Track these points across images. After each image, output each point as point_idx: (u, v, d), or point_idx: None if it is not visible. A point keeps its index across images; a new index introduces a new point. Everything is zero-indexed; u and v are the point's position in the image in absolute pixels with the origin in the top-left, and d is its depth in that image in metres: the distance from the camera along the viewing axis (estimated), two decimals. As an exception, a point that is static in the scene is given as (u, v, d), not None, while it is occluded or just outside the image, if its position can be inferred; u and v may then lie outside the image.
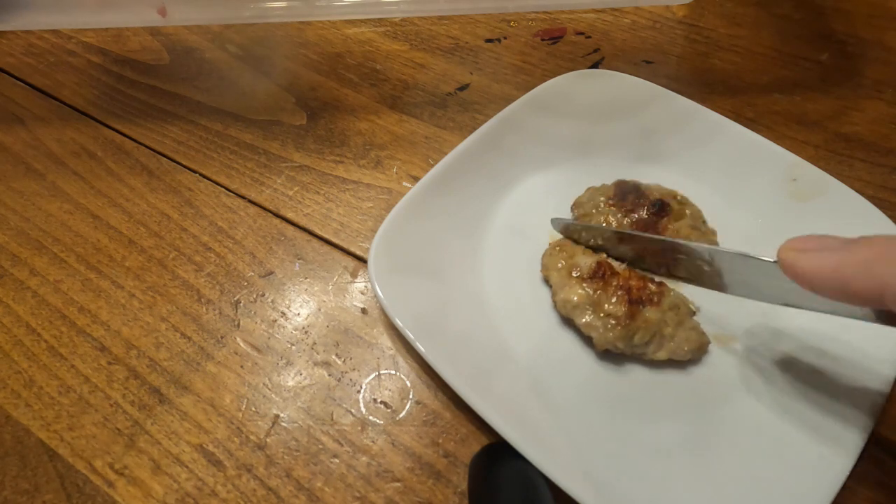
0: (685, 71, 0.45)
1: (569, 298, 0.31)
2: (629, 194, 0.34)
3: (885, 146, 0.40)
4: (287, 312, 0.35)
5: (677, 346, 0.30)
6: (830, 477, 0.26)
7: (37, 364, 0.33)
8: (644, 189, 0.35)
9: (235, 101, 0.45)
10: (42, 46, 0.50)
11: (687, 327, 0.30)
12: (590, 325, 0.30)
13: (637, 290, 0.31)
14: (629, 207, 0.34)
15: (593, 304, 0.31)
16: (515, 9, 0.50)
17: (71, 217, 0.39)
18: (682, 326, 0.30)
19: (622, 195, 0.34)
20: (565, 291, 0.31)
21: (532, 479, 0.26)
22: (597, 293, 0.31)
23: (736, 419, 0.29)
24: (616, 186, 0.35)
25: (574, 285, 0.31)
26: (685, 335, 0.30)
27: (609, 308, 0.30)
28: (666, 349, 0.30)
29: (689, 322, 0.31)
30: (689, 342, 0.30)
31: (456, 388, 0.29)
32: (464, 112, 0.43)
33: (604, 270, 0.31)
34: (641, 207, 0.34)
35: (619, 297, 0.30)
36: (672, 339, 0.30)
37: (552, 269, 0.33)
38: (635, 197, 0.34)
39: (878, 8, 0.48)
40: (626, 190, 0.35)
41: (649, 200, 0.34)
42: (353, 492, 0.29)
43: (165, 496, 0.29)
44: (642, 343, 0.30)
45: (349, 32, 0.49)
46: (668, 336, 0.30)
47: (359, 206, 0.39)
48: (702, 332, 0.31)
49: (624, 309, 0.30)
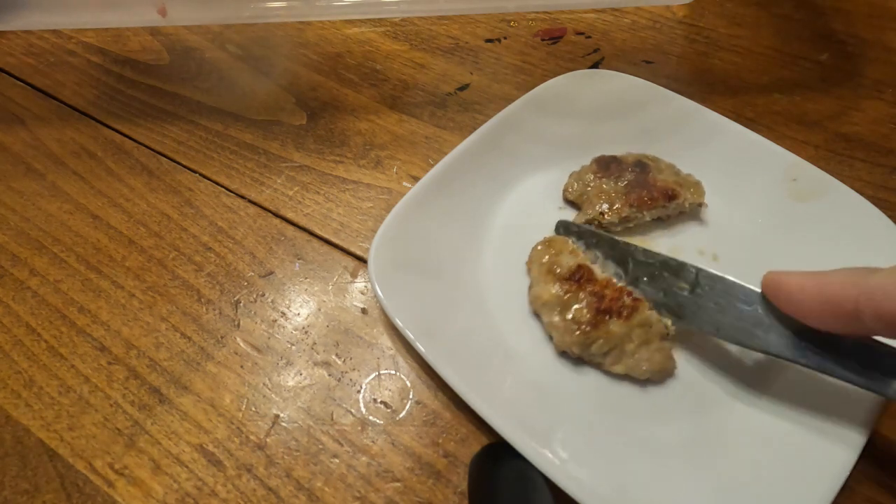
0: (685, 71, 0.45)
1: (539, 295, 0.31)
2: (610, 164, 0.36)
3: (885, 146, 0.40)
4: (287, 312, 0.35)
5: (636, 363, 0.29)
6: (830, 477, 0.26)
7: (37, 364, 0.33)
8: (620, 158, 0.37)
9: (235, 101, 0.45)
10: (42, 46, 0.50)
11: (652, 348, 0.30)
12: (552, 325, 0.31)
13: (609, 299, 0.30)
14: (616, 174, 0.36)
15: (561, 305, 0.31)
16: (515, 9, 0.50)
17: (71, 217, 0.39)
18: (648, 346, 0.30)
19: (605, 167, 0.36)
20: (539, 287, 0.32)
21: (532, 479, 0.26)
22: (567, 295, 0.31)
23: (736, 419, 0.29)
24: (595, 162, 0.37)
25: (549, 283, 0.31)
26: (648, 355, 0.29)
27: (574, 312, 0.30)
28: (623, 364, 0.30)
29: (656, 343, 0.30)
30: (650, 362, 0.29)
31: (456, 388, 0.29)
32: (464, 112, 0.43)
33: (582, 273, 0.31)
34: (625, 171, 0.36)
35: (588, 303, 0.30)
36: (632, 355, 0.30)
37: (535, 262, 0.33)
38: (616, 165, 0.36)
39: (878, 8, 0.48)
40: (605, 162, 0.37)
41: (629, 163, 0.36)
42: (353, 492, 0.29)
43: (165, 496, 0.29)
44: (600, 353, 0.30)
45: (349, 32, 0.49)
46: (628, 352, 0.30)
47: (359, 206, 0.39)
48: (668, 357, 0.30)
49: (588, 315, 0.30)
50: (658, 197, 0.34)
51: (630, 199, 0.35)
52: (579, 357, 0.30)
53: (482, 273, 0.34)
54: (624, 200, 0.35)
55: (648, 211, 0.35)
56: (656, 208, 0.35)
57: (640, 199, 0.34)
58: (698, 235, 0.35)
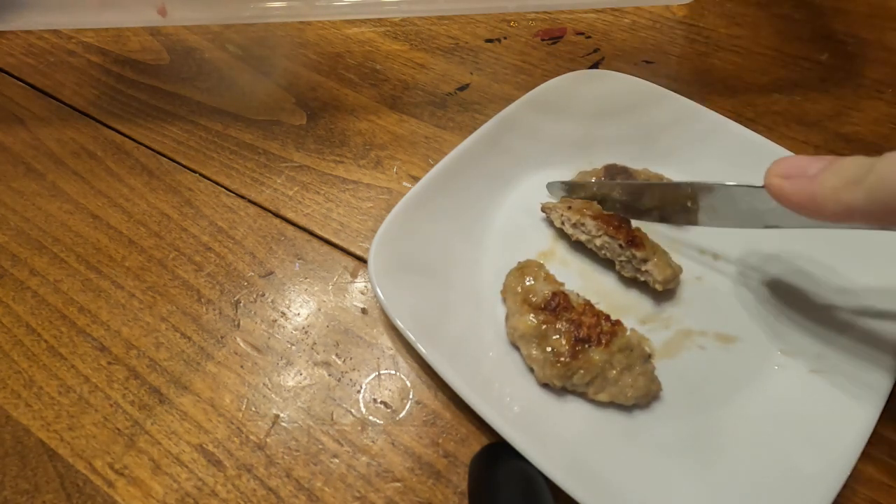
0: (685, 71, 0.45)
1: (517, 326, 0.31)
2: (618, 175, 0.36)
3: (886, 146, 0.40)
4: (287, 312, 0.35)
5: (620, 390, 0.29)
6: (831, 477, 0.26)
7: (37, 364, 0.33)
8: (632, 172, 0.36)
9: (235, 101, 0.45)
10: (42, 46, 0.50)
11: (636, 372, 0.29)
12: (532, 358, 0.30)
13: (587, 326, 0.30)
14: None
15: (539, 337, 0.30)
16: (515, 9, 0.50)
17: (71, 217, 0.39)
18: (631, 371, 0.29)
19: (611, 177, 0.36)
20: (515, 319, 0.31)
21: (532, 479, 0.26)
22: (544, 326, 0.30)
23: (737, 419, 0.29)
24: (605, 169, 0.36)
25: (525, 313, 0.31)
26: (632, 380, 0.29)
27: (553, 343, 0.30)
28: (607, 392, 0.29)
29: (639, 367, 0.29)
30: (634, 388, 0.29)
31: (456, 388, 0.29)
32: (464, 112, 0.43)
33: (558, 302, 0.30)
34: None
35: (566, 333, 0.30)
36: (616, 382, 0.29)
37: (510, 291, 0.32)
38: (624, 178, 0.36)
39: (878, 8, 0.48)
40: (614, 172, 0.36)
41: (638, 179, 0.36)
42: (353, 492, 0.29)
43: (165, 496, 0.29)
44: (582, 383, 0.29)
45: (349, 32, 0.49)
46: (611, 379, 0.29)
47: (359, 206, 0.39)
48: (652, 379, 0.29)
49: (567, 346, 0.29)
50: (624, 235, 0.32)
51: (603, 219, 0.33)
52: (562, 388, 0.30)
53: (482, 273, 0.34)
54: (596, 213, 0.33)
55: (609, 238, 0.33)
56: (613, 239, 0.33)
57: (608, 222, 0.33)
58: (698, 235, 0.35)
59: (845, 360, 0.30)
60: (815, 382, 0.29)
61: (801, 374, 0.30)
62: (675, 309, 0.33)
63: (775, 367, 0.31)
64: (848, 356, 0.30)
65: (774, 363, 0.31)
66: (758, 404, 0.29)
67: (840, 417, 0.28)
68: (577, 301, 0.31)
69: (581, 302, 0.31)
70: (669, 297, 0.33)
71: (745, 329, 0.32)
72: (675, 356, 0.31)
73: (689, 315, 0.33)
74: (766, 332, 0.32)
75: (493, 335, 0.32)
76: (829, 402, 0.29)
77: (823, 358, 0.30)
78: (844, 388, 0.29)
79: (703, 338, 0.32)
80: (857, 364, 0.29)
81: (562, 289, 0.31)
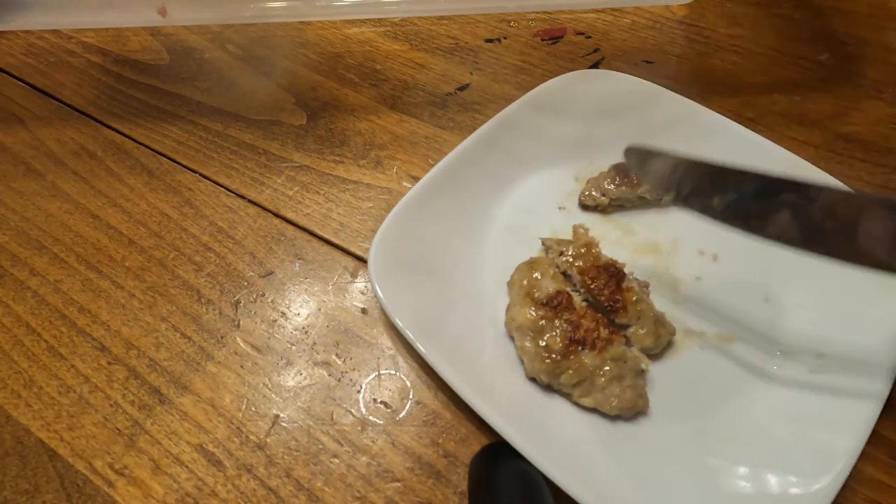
0: (685, 71, 0.45)
1: (515, 317, 0.31)
2: (629, 172, 0.36)
3: (885, 146, 0.40)
4: (287, 312, 0.35)
5: (605, 398, 0.29)
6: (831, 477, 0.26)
7: (37, 364, 0.33)
8: None
9: (235, 101, 0.45)
10: (42, 46, 0.50)
11: (625, 384, 0.29)
12: (524, 350, 0.30)
13: (585, 330, 0.30)
14: (635, 182, 0.36)
15: (535, 330, 0.30)
16: (515, 9, 0.50)
17: (71, 217, 0.39)
18: (621, 381, 0.29)
19: (623, 174, 0.36)
20: (515, 310, 0.31)
21: (532, 478, 0.26)
22: (542, 321, 0.30)
23: (736, 419, 0.29)
24: (615, 169, 0.37)
25: (526, 306, 0.31)
26: (619, 391, 0.29)
27: (547, 339, 0.30)
28: (592, 398, 0.29)
29: (629, 380, 0.29)
30: (619, 399, 0.29)
31: (456, 388, 0.29)
32: (464, 112, 0.43)
33: (560, 301, 0.30)
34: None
35: (562, 332, 0.30)
36: (602, 390, 0.29)
37: (516, 284, 0.32)
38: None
39: (878, 8, 0.48)
40: (624, 171, 0.37)
41: None
42: (353, 492, 0.29)
43: (165, 496, 0.29)
44: (569, 384, 0.29)
45: (349, 32, 0.49)
46: (598, 386, 0.29)
47: (359, 206, 0.39)
48: (640, 395, 0.29)
49: (561, 344, 0.29)
50: (608, 296, 0.31)
51: (592, 273, 0.32)
52: (548, 385, 0.30)
53: (482, 273, 0.34)
54: (588, 265, 0.32)
55: (591, 297, 0.32)
56: (595, 299, 0.32)
57: (596, 277, 0.31)
58: (699, 235, 0.35)
59: (845, 360, 0.30)
60: (814, 382, 0.29)
61: (801, 374, 0.30)
62: (675, 309, 0.33)
63: (775, 367, 0.31)
64: (848, 356, 0.30)
65: (774, 363, 0.31)
66: (757, 404, 0.29)
67: (839, 417, 0.28)
68: (579, 304, 0.31)
69: (583, 306, 0.31)
70: (669, 298, 0.33)
71: (744, 329, 0.32)
72: (675, 356, 0.31)
73: (688, 315, 0.33)
74: (766, 332, 0.32)
75: (493, 335, 0.32)
76: (828, 402, 0.29)
77: (823, 358, 0.30)
78: (844, 388, 0.29)
79: (703, 338, 0.32)
80: (856, 364, 0.29)
81: (567, 290, 0.31)
